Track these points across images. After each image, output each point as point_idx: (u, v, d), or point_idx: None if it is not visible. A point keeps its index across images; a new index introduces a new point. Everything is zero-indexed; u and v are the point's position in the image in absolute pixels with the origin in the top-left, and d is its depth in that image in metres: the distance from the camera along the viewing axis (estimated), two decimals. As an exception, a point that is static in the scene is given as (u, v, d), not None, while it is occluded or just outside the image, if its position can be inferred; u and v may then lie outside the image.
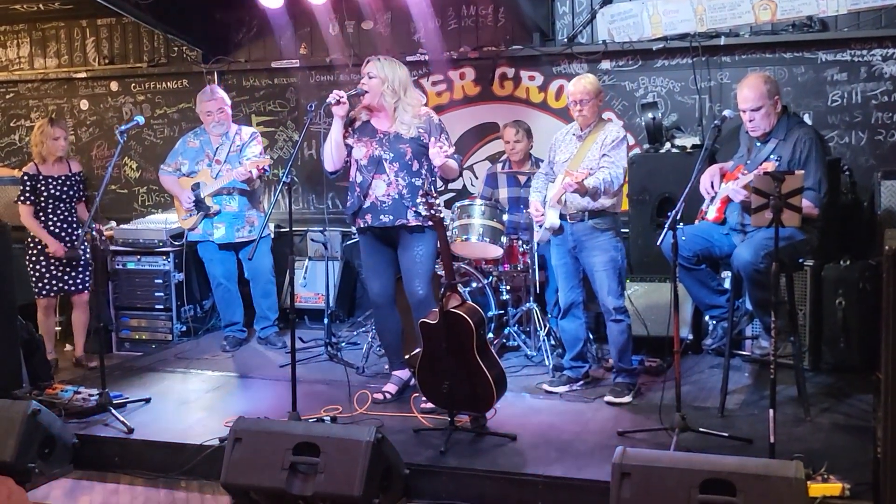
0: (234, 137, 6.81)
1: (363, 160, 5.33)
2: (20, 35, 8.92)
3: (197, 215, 6.75)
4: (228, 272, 6.90)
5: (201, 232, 6.81)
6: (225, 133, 6.81)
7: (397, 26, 7.70)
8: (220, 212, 6.72)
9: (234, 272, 6.95)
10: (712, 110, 6.85)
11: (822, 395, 5.32)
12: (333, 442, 4.13)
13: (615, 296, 5.37)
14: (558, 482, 4.27)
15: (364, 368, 6.19)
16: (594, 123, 5.45)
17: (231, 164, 6.68)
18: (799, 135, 4.94)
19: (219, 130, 6.79)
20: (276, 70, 8.11)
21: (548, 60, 7.34)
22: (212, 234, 6.77)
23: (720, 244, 5.11)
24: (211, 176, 6.71)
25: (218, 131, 6.80)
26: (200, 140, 6.88)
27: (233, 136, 6.81)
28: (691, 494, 3.56)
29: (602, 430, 4.91)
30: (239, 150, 6.76)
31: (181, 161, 6.87)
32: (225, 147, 6.78)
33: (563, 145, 5.56)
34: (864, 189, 6.32)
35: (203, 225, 6.77)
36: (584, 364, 5.68)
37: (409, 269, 5.36)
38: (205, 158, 6.79)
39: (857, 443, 4.45)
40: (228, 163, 6.70)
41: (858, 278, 5.69)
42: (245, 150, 6.76)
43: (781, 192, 4.17)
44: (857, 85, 6.57)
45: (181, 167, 6.86)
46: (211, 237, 6.78)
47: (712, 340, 5.87)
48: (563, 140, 5.58)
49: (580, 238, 5.39)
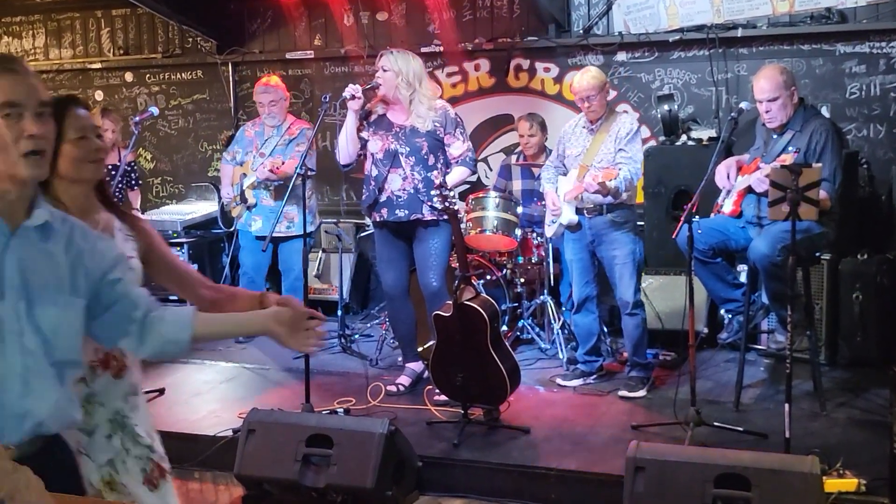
0: (285, 132, 6.77)
1: (379, 154, 5.31)
2: (35, 25, 8.94)
3: (241, 205, 6.75)
4: (258, 264, 6.81)
5: (243, 221, 6.80)
6: (278, 126, 6.76)
7: (412, 17, 7.68)
8: (256, 204, 6.70)
9: (263, 266, 6.84)
10: (729, 103, 6.79)
11: (839, 389, 5.29)
12: (346, 434, 4.13)
13: (632, 290, 5.35)
14: (572, 475, 4.26)
15: (377, 360, 6.18)
16: (605, 115, 5.40)
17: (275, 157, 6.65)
18: (815, 126, 4.91)
19: (271, 122, 6.75)
20: (290, 61, 8.11)
21: (563, 52, 7.31)
22: (251, 225, 6.76)
23: (736, 237, 5.07)
24: (251, 167, 6.71)
25: (271, 123, 6.76)
26: (255, 130, 6.86)
27: (283, 130, 6.78)
28: (706, 489, 3.54)
29: (616, 423, 4.89)
30: (286, 144, 6.72)
31: (237, 149, 6.88)
32: (273, 140, 6.73)
33: (573, 138, 5.52)
34: (883, 182, 6.27)
35: (245, 216, 6.77)
36: (597, 358, 5.66)
37: (424, 262, 5.35)
38: (253, 149, 6.78)
39: (874, 438, 4.42)
40: (272, 156, 6.67)
41: (876, 272, 5.64)
42: (292, 145, 6.71)
43: (799, 184, 4.14)
44: (876, 77, 6.51)
45: (236, 155, 6.86)
46: (250, 228, 6.77)
47: (728, 334, 5.83)
48: (573, 133, 5.54)
49: (599, 232, 5.37)
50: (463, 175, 5.37)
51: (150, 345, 2.28)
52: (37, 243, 2.12)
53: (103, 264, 2.24)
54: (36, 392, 2.07)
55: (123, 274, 2.29)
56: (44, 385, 2.09)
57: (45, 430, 2.11)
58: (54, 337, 2.10)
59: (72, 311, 2.16)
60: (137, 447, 2.62)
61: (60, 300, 2.13)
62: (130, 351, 2.39)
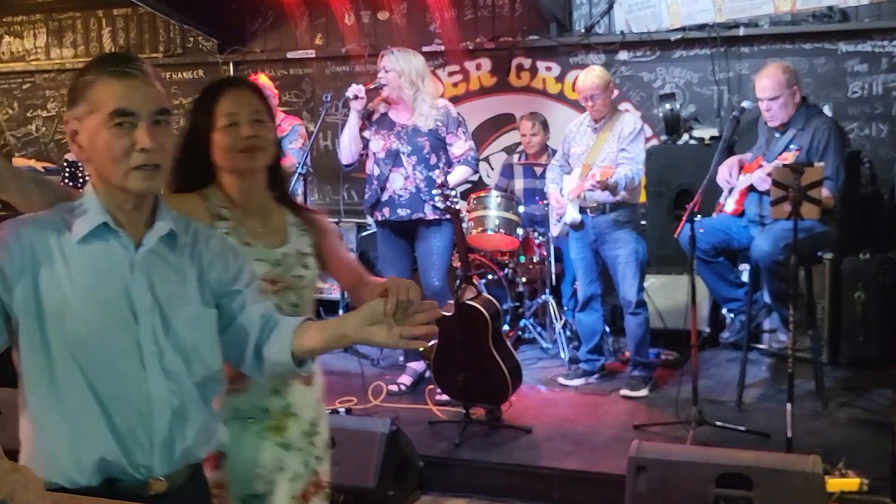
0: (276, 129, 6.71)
1: (381, 153, 5.31)
2: (36, 25, 8.94)
3: None
4: None
5: None
6: None
7: (413, 16, 7.67)
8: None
9: None
10: (731, 102, 6.78)
11: (841, 389, 5.28)
12: (348, 434, 4.12)
13: (635, 289, 5.35)
14: (573, 475, 4.25)
15: (379, 360, 6.18)
16: (608, 114, 5.41)
17: None
18: (817, 125, 4.90)
19: None
20: (291, 60, 8.10)
21: (565, 51, 7.30)
22: None
23: (738, 237, 5.07)
24: None
25: None
26: None
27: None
28: (707, 488, 3.53)
29: (618, 423, 4.89)
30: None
31: None
32: None
33: (577, 137, 5.52)
34: (885, 182, 6.26)
35: None
36: (599, 357, 5.66)
37: (425, 261, 5.35)
38: None
39: (876, 437, 4.41)
40: None
41: (878, 271, 5.63)
42: (284, 142, 6.69)
43: (801, 183, 4.13)
44: (878, 76, 6.50)
45: None
46: None
47: (730, 334, 5.84)
48: (578, 132, 5.54)
49: (602, 231, 5.37)
50: (465, 174, 5.37)
51: (264, 369, 2.06)
52: (163, 255, 1.95)
53: (226, 274, 2.05)
54: (183, 416, 1.92)
55: (246, 285, 2.08)
56: (190, 408, 1.93)
57: (194, 456, 1.98)
58: (195, 354, 1.95)
59: (208, 323, 2.00)
60: (318, 461, 2.46)
61: (195, 313, 1.97)
62: (249, 374, 2.13)
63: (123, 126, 1.85)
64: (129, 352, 1.87)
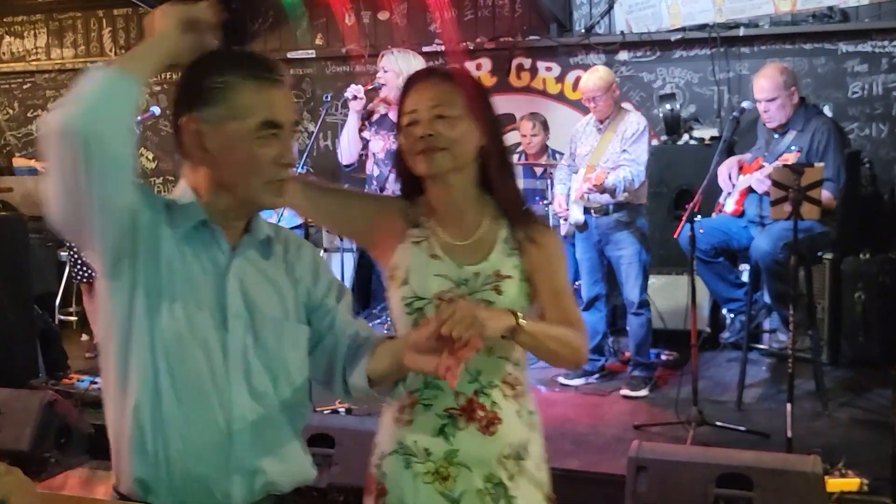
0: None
1: (380, 153, 5.31)
2: (37, 25, 8.95)
3: None
4: None
5: None
6: None
7: (413, 16, 7.68)
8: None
9: None
10: (731, 102, 6.79)
11: (841, 389, 5.27)
12: (349, 433, 4.12)
13: (638, 289, 5.35)
14: (573, 475, 4.24)
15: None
16: (613, 114, 5.41)
17: None
18: (817, 125, 4.90)
19: None
20: (291, 60, 8.10)
21: (565, 51, 7.30)
22: None
23: (738, 237, 5.07)
24: None
25: None
26: None
27: None
28: (708, 488, 3.53)
29: (618, 423, 4.88)
30: None
31: None
32: None
33: (583, 137, 5.53)
34: (885, 182, 6.27)
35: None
36: (600, 357, 5.65)
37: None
38: None
39: (876, 437, 4.40)
40: None
41: (878, 272, 5.63)
42: None
43: (801, 184, 4.13)
44: (878, 76, 6.50)
45: None
46: None
47: (730, 334, 5.84)
48: (584, 132, 5.55)
49: (606, 232, 5.37)
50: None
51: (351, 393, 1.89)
52: (258, 262, 1.80)
53: (316, 288, 1.88)
54: (268, 443, 1.75)
55: (336, 301, 1.90)
56: (277, 434, 1.77)
57: (277, 489, 1.79)
58: (285, 375, 1.78)
59: (301, 342, 1.83)
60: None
61: (288, 330, 1.80)
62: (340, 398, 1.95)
63: (265, 138, 1.73)
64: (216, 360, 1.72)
